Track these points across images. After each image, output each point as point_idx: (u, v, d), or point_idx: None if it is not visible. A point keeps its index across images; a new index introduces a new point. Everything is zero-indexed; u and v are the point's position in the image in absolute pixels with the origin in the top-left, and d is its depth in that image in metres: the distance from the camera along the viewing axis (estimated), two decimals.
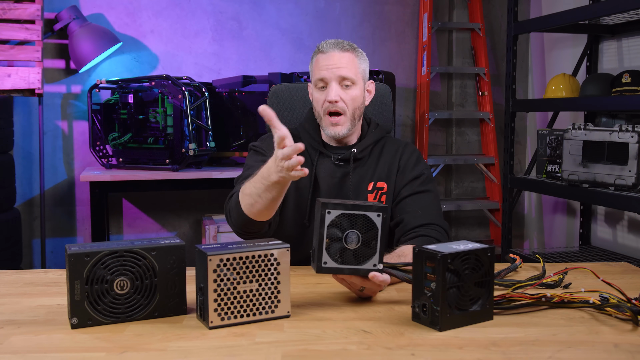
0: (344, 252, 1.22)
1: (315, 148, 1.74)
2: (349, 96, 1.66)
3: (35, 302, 1.32)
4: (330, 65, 1.65)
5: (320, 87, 1.68)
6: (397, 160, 1.74)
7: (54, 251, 3.53)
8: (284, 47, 3.78)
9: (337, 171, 1.72)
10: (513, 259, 1.56)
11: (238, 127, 3.33)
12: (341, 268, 1.22)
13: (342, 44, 1.68)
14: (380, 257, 1.24)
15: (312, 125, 1.77)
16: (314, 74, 1.69)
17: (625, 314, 1.20)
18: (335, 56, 1.66)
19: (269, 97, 1.96)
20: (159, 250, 1.19)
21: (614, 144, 2.51)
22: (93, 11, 3.51)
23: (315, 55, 1.70)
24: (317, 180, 1.72)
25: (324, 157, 1.74)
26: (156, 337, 1.11)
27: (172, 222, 3.73)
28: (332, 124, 1.67)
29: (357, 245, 1.22)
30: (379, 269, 1.23)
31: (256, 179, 1.43)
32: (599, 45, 3.20)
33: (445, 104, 4.08)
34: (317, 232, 1.22)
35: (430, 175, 1.75)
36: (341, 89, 1.66)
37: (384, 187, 1.72)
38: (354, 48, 1.70)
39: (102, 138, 3.25)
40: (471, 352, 1.04)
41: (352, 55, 1.68)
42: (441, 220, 1.66)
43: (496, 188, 3.86)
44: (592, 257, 2.98)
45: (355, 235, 1.22)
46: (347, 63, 1.66)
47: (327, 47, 1.67)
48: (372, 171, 1.73)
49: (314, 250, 1.23)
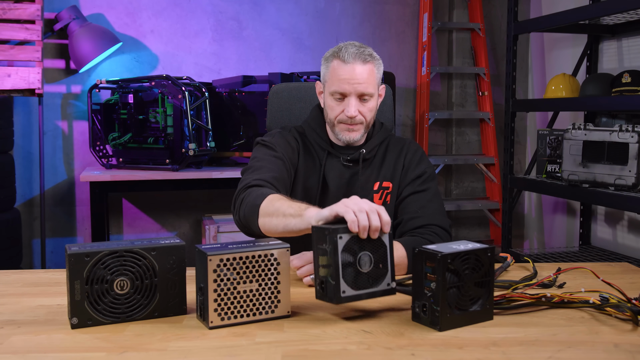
0: (359, 276, 1.16)
1: (323, 148, 1.74)
2: (366, 108, 1.65)
3: (35, 302, 1.32)
4: (352, 81, 1.61)
5: (337, 98, 1.65)
6: (402, 159, 1.75)
7: (54, 251, 3.53)
8: (284, 47, 3.78)
9: (345, 172, 1.72)
10: (504, 257, 1.56)
11: (238, 127, 3.33)
12: (359, 294, 1.17)
13: (363, 55, 1.62)
14: (392, 276, 1.20)
15: (319, 125, 1.76)
16: (332, 83, 1.64)
17: (625, 314, 1.20)
18: (357, 69, 1.60)
19: (269, 97, 1.96)
20: (159, 250, 1.19)
21: (614, 144, 2.51)
22: (93, 11, 3.50)
23: (334, 60, 1.64)
24: (326, 180, 1.72)
25: (333, 157, 1.73)
26: (156, 337, 1.11)
27: (172, 222, 3.72)
28: (348, 130, 1.67)
29: (371, 267, 1.18)
30: (392, 288, 1.21)
31: (288, 211, 1.33)
32: (599, 45, 3.20)
33: (445, 104, 4.08)
34: (327, 260, 1.15)
35: (433, 172, 1.75)
36: (359, 102, 1.64)
37: (389, 186, 1.73)
38: (373, 58, 1.64)
39: (102, 138, 3.25)
40: (471, 352, 1.04)
41: (372, 67, 1.63)
42: (441, 218, 1.65)
43: (496, 188, 3.86)
44: (592, 257, 2.98)
45: (368, 257, 1.17)
46: (368, 77, 1.62)
47: (349, 57, 1.61)
48: (377, 171, 1.74)
49: (324, 281, 1.16)
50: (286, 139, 1.73)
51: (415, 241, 1.56)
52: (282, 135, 1.74)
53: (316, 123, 1.77)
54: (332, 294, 1.15)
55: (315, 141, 1.74)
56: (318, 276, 1.18)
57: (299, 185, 1.72)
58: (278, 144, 1.69)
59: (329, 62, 1.66)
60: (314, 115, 1.79)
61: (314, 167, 1.73)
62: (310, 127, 1.77)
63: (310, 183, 1.72)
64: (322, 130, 1.76)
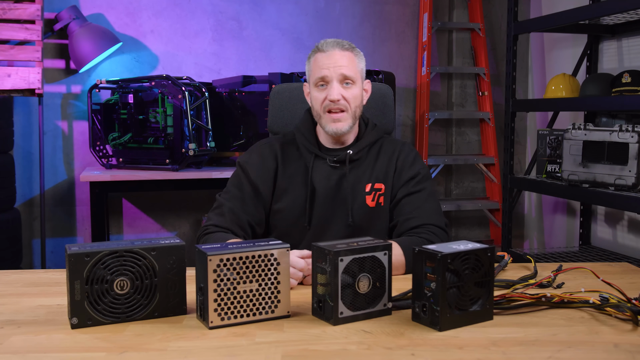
0: (357, 297, 1.18)
1: (310, 151, 1.74)
2: (350, 94, 1.66)
3: (35, 302, 1.32)
4: (332, 64, 1.65)
5: (320, 85, 1.68)
6: (395, 161, 1.74)
7: (54, 251, 3.53)
8: (284, 47, 3.78)
9: (333, 173, 1.72)
10: (501, 256, 1.56)
11: (238, 127, 3.33)
12: (356, 315, 1.18)
13: (342, 44, 1.68)
14: (389, 296, 1.22)
15: (307, 127, 1.77)
16: (314, 72, 1.69)
17: (625, 314, 1.20)
18: (336, 55, 1.66)
19: (271, 98, 1.96)
20: (159, 250, 1.19)
21: (614, 144, 2.51)
22: (93, 11, 3.51)
23: (314, 55, 1.70)
24: (313, 184, 1.71)
25: (320, 160, 1.73)
26: (156, 337, 1.11)
27: (172, 222, 3.73)
28: (334, 120, 1.67)
29: (369, 288, 1.19)
30: (389, 308, 1.22)
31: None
32: (599, 45, 3.20)
33: (445, 104, 4.08)
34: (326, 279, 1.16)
35: (428, 173, 1.75)
36: (342, 87, 1.66)
37: (382, 188, 1.71)
38: (352, 47, 1.70)
39: (102, 138, 3.25)
40: (471, 352, 1.04)
41: (351, 54, 1.69)
42: (437, 218, 1.65)
43: (496, 188, 3.86)
44: (592, 257, 2.98)
45: (367, 279, 1.18)
46: (348, 62, 1.66)
47: (327, 46, 1.68)
48: (369, 172, 1.73)
49: (322, 300, 1.18)
50: (263, 156, 1.74)
51: (412, 241, 1.56)
52: (261, 152, 1.76)
53: (305, 127, 1.77)
54: (329, 314, 1.17)
55: (304, 145, 1.74)
56: (316, 294, 1.20)
57: (286, 196, 1.72)
58: (253, 165, 1.73)
59: (310, 59, 1.72)
60: (304, 119, 1.80)
61: (301, 173, 1.73)
62: (299, 131, 1.77)
63: (298, 190, 1.72)
64: (310, 134, 1.76)
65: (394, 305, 1.24)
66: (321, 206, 1.71)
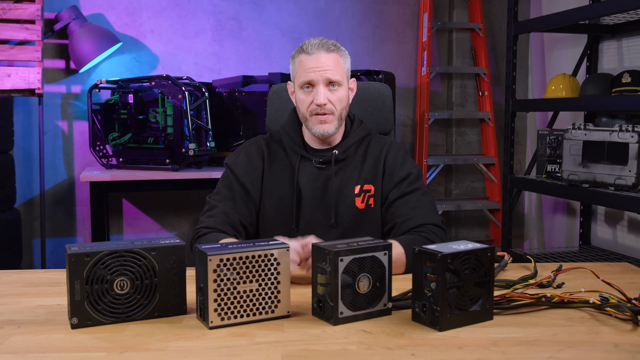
0: (357, 297, 1.18)
1: (296, 152, 1.72)
2: (336, 97, 1.65)
3: (35, 302, 1.32)
4: (317, 68, 1.62)
5: (306, 88, 1.66)
6: (382, 162, 1.71)
7: (54, 251, 3.53)
8: (284, 47, 3.78)
9: (319, 174, 1.70)
10: (501, 256, 1.56)
11: (238, 127, 3.33)
12: (356, 315, 1.18)
13: (326, 45, 1.65)
14: (389, 296, 1.22)
15: (293, 127, 1.75)
16: (299, 75, 1.66)
17: (625, 314, 1.20)
18: (321, 58, 1.63)
19: (269, 97, 1.96)
20: (159, 250, 1.19)
21: (614, 144, 2.51)
22: (93, 11, 3.50)
23: (298, 56, 1.67)
24: (299, 186, 1.70)
25: (306, 161, 1.71)
26: (156, 337, 1.11)
27: (172, 222, 3.73)
28: (320, 122, 1.65)
29: (369, 288, 1.19)
30: (389, 308, 1.22)
31: None
32: (599, 45, 3.20)
33: (445, 104, 4.07)
34: (326, 279, 1.16)
35: (419, 172, 1.73)
36: (328, 91, 1.64)
37: (371, 189, 1.70)
38: (337, 48, 1.67)
39: (102, 138, 3.25)
40: (471, 352, 1.04)
41: (337, 55, 1.65)
42: (433, 217, 1.64)
43: (496, 188, 3.86)
44: (592, 257, 2.98)
45: (367, 279, 1.18)
46: (334, 65, 1.64)
47: (312, 48, 1.64)
48: (357, 173, 1.70)
49: (322, 300, 1.18)
50: (249, 156, 1.73)
51: (413, 239, 1.55)
52: (247, 152, 1.75)
53: (291, 127, 1.75)
54: (329, 314, 1.17)
55: (289, 146, 1.73)
56: (316, 293, 1.20)
57: (271, 197, 1.71)
58: (240, 165, 1.72)
59: (295, 59, 1.69)
60: (289, 119, 1.78)
61: (287, 174, 1.72)
62: (285, 132, 1.75)
63: (283, 191, 1.70)
64: (296, 134, 1.74)
65: (394, 305, 1.24)
66: (308, 208, 1.70)
